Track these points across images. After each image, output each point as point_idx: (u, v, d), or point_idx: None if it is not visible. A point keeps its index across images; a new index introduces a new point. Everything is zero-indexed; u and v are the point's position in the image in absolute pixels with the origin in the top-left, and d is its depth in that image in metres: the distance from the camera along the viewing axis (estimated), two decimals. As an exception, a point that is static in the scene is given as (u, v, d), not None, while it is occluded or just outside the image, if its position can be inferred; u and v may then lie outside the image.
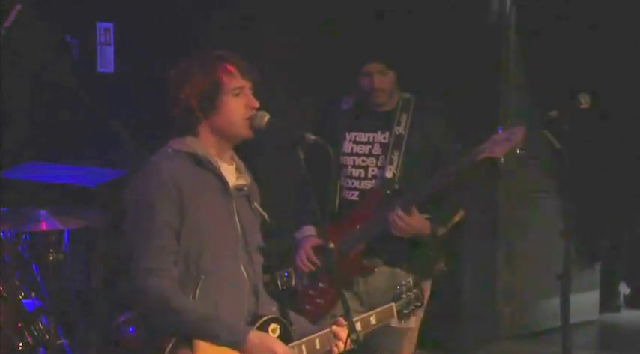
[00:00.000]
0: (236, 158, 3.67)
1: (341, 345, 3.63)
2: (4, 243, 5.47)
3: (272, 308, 3.63)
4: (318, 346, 3.61)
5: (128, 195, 3.53)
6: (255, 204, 3.69)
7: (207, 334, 3.40)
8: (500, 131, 4.60)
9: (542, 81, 6.74)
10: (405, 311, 3.95)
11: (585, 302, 7.25)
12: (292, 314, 3.73)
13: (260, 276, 3.64)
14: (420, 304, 4.00)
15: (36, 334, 5.27)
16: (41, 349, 5.28)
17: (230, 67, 3.55)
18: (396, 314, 3.92)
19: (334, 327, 3.63)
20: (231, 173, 3.62)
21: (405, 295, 3.95)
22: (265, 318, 3.56)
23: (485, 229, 6.90)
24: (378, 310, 3.86)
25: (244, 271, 3.56)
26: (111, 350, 5.62)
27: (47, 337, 5.31)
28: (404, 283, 3.99)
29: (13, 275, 5.35)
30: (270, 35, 6.63)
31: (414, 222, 4.67)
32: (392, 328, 4.71)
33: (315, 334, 3.62)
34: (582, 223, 4.43)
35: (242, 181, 3.64)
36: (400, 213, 4.64)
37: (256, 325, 3.52)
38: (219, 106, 3.53)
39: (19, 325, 5.23)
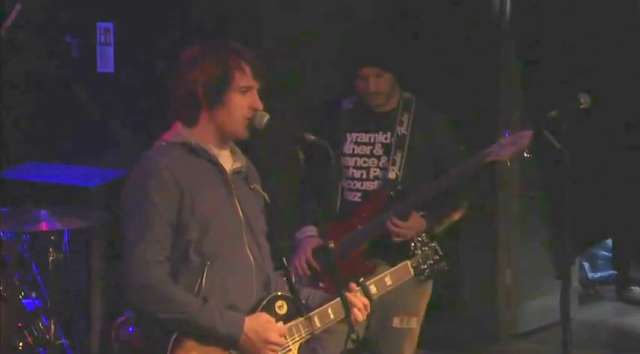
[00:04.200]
0: (230, 142, 3.66)
1: (356, 312, 3.63)
2: (4, 243, 5.47)
3: (285, 287, 3.63)
4: (332, 316, 3.63)
5: (125, 191, 3.53)
6: (255, 185, 3.69)
7: (205, 327, 3.41)
8: (507, 135, 4.59)
9: (541, 81, 6.73)
10: (423, 267, 3.90)
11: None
12: (306, 289, 3.72)
13: (269, 260, 3.64)
14: (438, 257, 3.93)
15: (36, 334, 5.28)
16: (41, 349, 5.28)
17: (244, 64, 3.55)
18: (412, 271, 3.89)
19: (346, 294, 3.62)
20: (226, 157, 3.62)
21: (419, 251, 3.90)
22: (271, 296, 3.57)
23: (485, 229, 6.90)
24: (392, 270, 3.84)
25: (250, 256, 3.57)
26: (111, 350, 5.61)
27: (47, 337, 5.32)
28: (419, 239, 3.95)
29: (13, 275, 5.35)
30: (270, 35, 6.62)
31: (412, 225, 4.66)
32: (393, 329, 4.72)
33: (327, 305, 3.63)
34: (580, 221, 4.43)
35: (238, 164, 3.64)
36: (395, 221, 4.63)
37: (262, 304, 3.54)
38: (224, 100, 3.53)
39: (19, 325, 5.23)
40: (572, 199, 4.07)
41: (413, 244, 3.93)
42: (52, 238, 5.59)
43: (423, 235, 3.98)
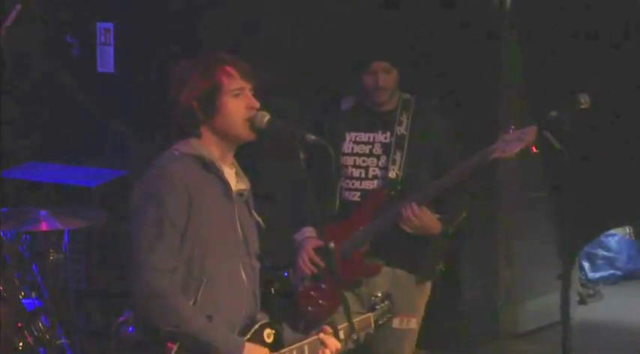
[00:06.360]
0: (235, 162, 3.68)
1: (327, 352, 3.65)
2: (4, 243, 5.47)
3: (265, 314, 3.67)
4: (306, 353, 3.63)
5: (136, 196, 3.52)
6: (252, 210, 3.72)
7: (205, 343, 3.41)
8: (512, 130, 4.57)
9: (541, 81, 6.73)
10: (379, 322, 3.96)
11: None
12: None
13: (258, 282, 3.66)
14: (391, 315, 4.00)
15: (36, 334, 5.27)
16: (41, 349, 5.28)
17: (229, 69, 3.56)
18: (373, 324, 3.92)
19: (321, 335, 3.65)
20: (232, 177, 3.63)
21: (378, 307, 3.96)
22: (261, 323, 3.59)
23: (485, 229, 6.90)
24: (357, 319, 3.85)
25: (244, 275, 3.58)
26: (111, 350, 5.61)
27: (47, 337, 5.32)
28: (377, 294, 3.99)
29: (13, 275, 5.35)
30: (270, 35, 6.63)
31: (426, 219, 4.65)
32: (392, 329, 4.71)
33: (304, 342, 3.64)
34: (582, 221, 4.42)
35: (242, 186, 3.66)
36: (415, 207, 4.61)
37: (252, 330, 3.55)
38: (219, 108, 3.54)
39: (19, 325, 5.23)
40: (578, 189, 4.06)
41: (373, 298, 3.98)
42: (52, 238, 5.59)
43: (379, 292, 4.01)
